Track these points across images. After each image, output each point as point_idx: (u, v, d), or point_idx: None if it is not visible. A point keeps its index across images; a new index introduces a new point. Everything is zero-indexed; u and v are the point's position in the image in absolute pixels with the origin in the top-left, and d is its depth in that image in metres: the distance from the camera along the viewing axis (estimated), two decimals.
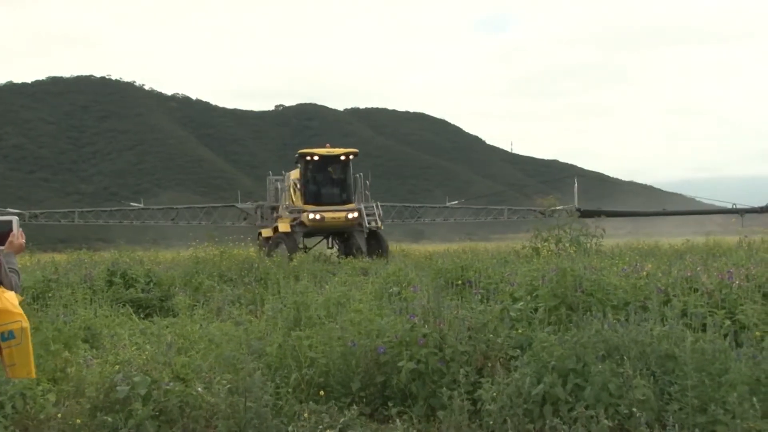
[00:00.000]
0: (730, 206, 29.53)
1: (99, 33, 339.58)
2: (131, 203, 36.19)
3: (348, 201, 28.14)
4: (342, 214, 27.37)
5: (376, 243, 27.12)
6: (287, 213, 27.88)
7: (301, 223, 27.09)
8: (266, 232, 29.49)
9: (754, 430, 5.23)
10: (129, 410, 5.89)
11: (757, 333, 6.57)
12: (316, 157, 27.94)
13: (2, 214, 31.82)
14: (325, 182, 28.44)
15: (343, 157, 28.42)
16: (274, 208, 30.35)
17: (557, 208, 28.30)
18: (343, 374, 6.90)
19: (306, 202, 27.59)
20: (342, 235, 28.44)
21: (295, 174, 29.06)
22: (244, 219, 32.54)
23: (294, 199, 28.32)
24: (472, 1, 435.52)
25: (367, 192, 28.35)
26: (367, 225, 27.16)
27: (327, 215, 27.22)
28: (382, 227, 28.04)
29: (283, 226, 27.28)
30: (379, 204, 28.44)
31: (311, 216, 26.86)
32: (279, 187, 30.22)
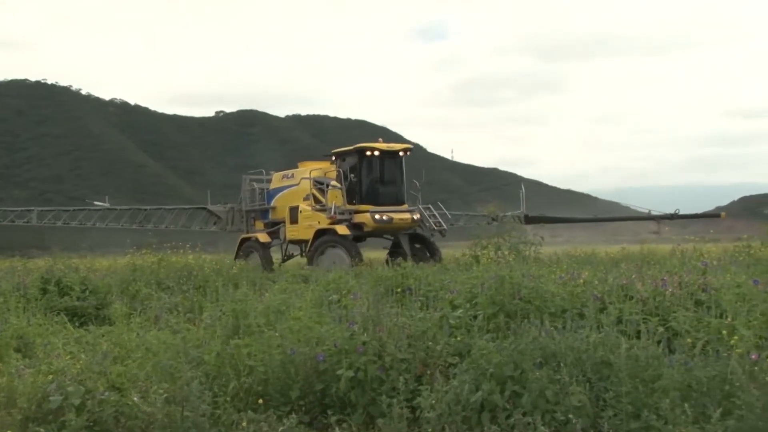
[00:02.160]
0: (645, 212, 30.18)
1: (34, 36, 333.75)
2: (96, 202, 32.41)
3: (402, 200, 25.65)
4: (408, 215, 24.89)
5: (423, 247, 24.97)
6: (333, 214, 24.31)
7: (357, 225, 24.26)
8: (263, 237, 26.81)
9: None
10: (62, 421, 5.77)
11: (689, 340, 6.70)
12: (376, 152, 25.27)
13: None
14: (383, 180, 25.52)
15: (401, 153, 26.08)
16: (252, 212, 28.29)
17: (507, 214, 27.65)
18: (282, 382, 6.86)
19: (361, 202, 24.72)
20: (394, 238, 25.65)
21: (323, 171, 26.27)
22: (214, 223, 29.90)
23: (327, 199, 24.99)
24: (411, 9, 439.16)
25: (414, 193, 26.08)
26: (435, 227, 25.26)
27: (395, 216, 24.57)
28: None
29: (342, 229, 23.74)
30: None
31: (377, 217, 24.14)
32: (256, 188, 28.06)
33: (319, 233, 24.27)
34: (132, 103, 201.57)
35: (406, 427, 5.95)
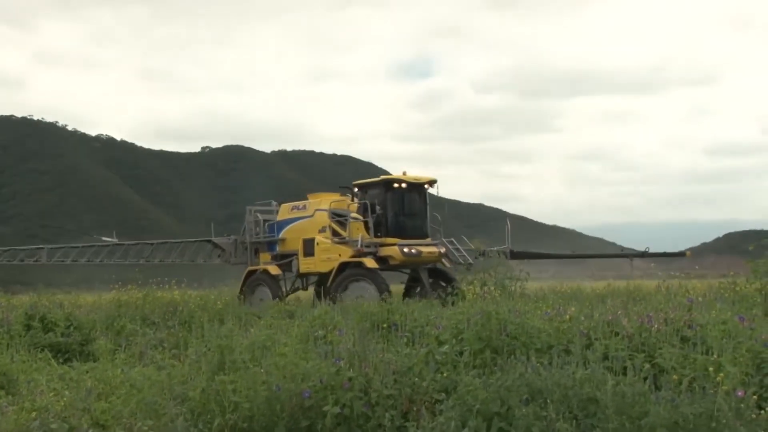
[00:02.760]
0: (620, 250, 30.21)
1: (20, 73, 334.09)
2: (104, 238, 31.01)
3: (426, 234, 25.10)
4: (435, 249, 24.38)
5: (442, 280, 24.16)
6: (360, 247, 23.59)
7: (383, 259, 23.52)
8: (273, 269, 25.88)
9: None
10: None
11: (675, 376, 6.71)
12: (403, 185, 24.72)
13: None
14: (409, 212, 25.10)
15: (426, 185, 25.32)
16: (256, 244, 27.45)
17: (493, 249, 27.49)
18: (267, 419, 6.81)
19: (387, 234, 24.18)
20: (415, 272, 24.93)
21: (337, 203, 25.70)
22: (218, 256, 28.94)
23: (349, 231, 24.28)
24: (395, 46, 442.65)
25: (435, 226, 25.62)
26: (461, 261, 24.79)
27: (424, 249, 24.00)
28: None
29: (370, 262, 22.97)
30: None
31: (406, 250, 23.55)
32: (261, 219, 27.37)
33: (343, 266, 23.68)
34: (118, 138, 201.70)
35: None
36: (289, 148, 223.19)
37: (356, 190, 25.46)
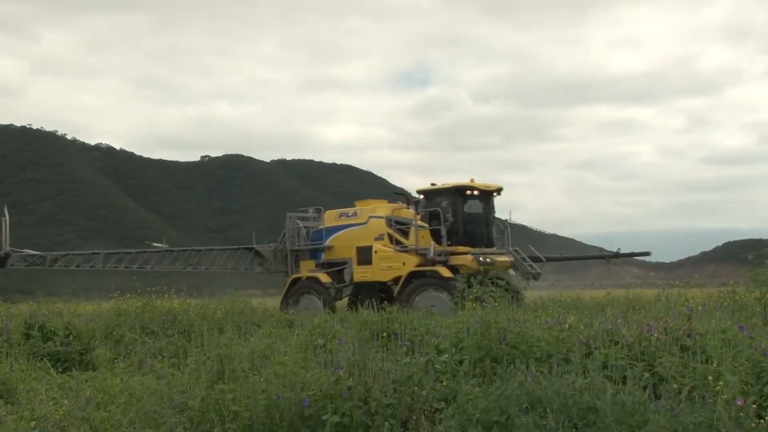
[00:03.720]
0: (598, 251, 29.83)
1: (19, 82, 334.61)
2: (154, 244, 29.76)
3: (493, 242, 24.61)
4: (506, 258, 23.95)
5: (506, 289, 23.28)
6: (432, 255, 22.96)
7: (454, 268, 22.73)
8: (324, 277, 25.02)
9: None
10: None
11: (675, 385, 6.70)
12: (476, 192, 24.20)
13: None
14: (478, 220, 24.53)
15: (495, 194, 24.90)
16: (296, 251, 26.79)
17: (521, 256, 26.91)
18: (267, 428, 6.81)
19: (458, 243, 23.54)
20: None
21: (397, 211, 25.08)
22: (259, 264, 28.16)
23: (415, 239, 23.76)
24: (394, 55, 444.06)
25: (498, 235, 24.99)
26: (529, 270, 24.06)
27: (497, 259, 23.48)
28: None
29: (445, 272, 22.37)
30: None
31: (481, 259, 22.93)
32: (301, 226, 26.74)
33: (411, 275, 23.20)
34: (117, 147, 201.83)
35: None
36: (288, 157, 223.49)
37: (421, 197, 24.81)
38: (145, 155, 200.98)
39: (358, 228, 25.27)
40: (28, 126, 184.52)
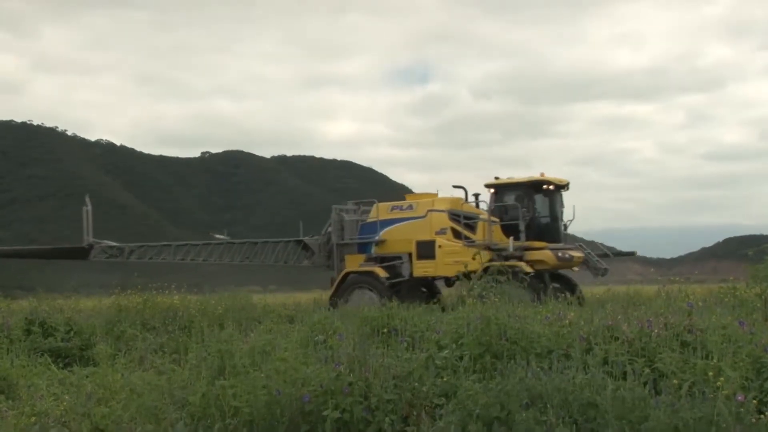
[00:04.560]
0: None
1: (19, 78, 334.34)
2: (217, 235, 28.87)
3: (561, 238, 24.20)
4: (580, 253, 23.56)
5: (564, 286, 23.22)
6: (512, 250, 22.57)
7: (532, 263, 22.39)
8: (381, 271, 24.13)
9: None
10: None
11: (675, 381, 6.71)
12: (551, 186, 23.75)
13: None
14: (552, 215, 24.15)
15: (565, 189, 24.51)
16: (342, 245, 25.82)
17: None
18: (267, 423, 6.82)
19: (534, 238, 23.17)
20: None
21: (457, 205, 24.55)
22: (306, 258, 27.14)
23: (481, 234, 23.43)
24: (394, 51, 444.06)
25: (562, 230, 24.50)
26: (598, 266, 23.71)
27: (574, 254, 23.19)
28: None
29: (527, 267, 21.92)
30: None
31: (560, 254, 22.74)
32: (346, 219, 25.91)
33: (486, 271, 22.81)
34: (118, 143, 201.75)
35: None
36: (288, 154, 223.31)
37: (492, 191, 24.25)
38: (146, 151, 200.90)
39: (415, 222, 24.55)
40: (28, 122, 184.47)
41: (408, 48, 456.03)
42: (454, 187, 25.47)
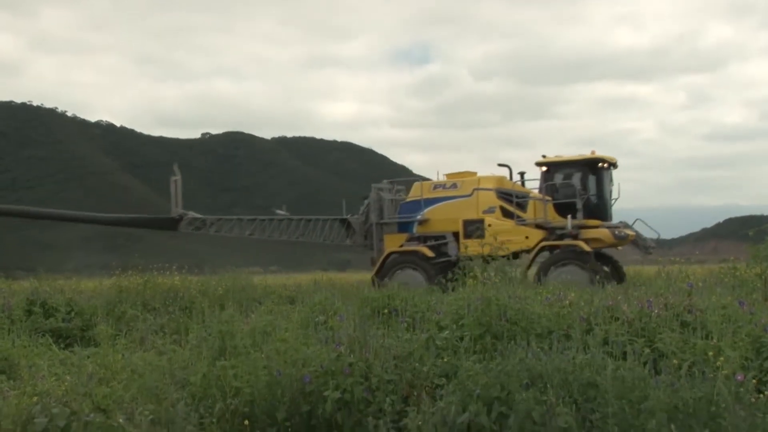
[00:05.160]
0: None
1: (19, 58, 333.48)
2: (278, 211, 27.62)
3: (611, 216, 23.92)
4: (631, 232, 23.42)
5: (607, 265, 23.03)
6: (570, 229, 22.25)
7: (588, 242, 21.99)
8: (427, 251, 23.65)
9: None
10: None
11: (675, 361, 6.72)
12: (606, 165, 23.41)
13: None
14: (605, 193, 23.70)
15: (614, 167, 24.19)
16: (381, 225, 25.21)
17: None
18: (268, 404, 6.84)
19: (589, 216, 22.84)
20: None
21: (502, 183, 24.27)
22: (348, 237, 26.48)
23: (527, 213, 23.30)
24: (394, 32, 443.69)
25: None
26: (647, 245, 23.63)
27: (628, 232, 23.03)
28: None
29: (585, 246, 21.61)
30: None
31: (617, 233, 22.53)
32: (386, 199, 25.22)
33: (544, 250, 22.55)
34: (118, 124, 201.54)
35: None
36: (289, 135, 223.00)
37: (544, 169, 23.67)
38: (146, 132, 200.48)
39: (461, 200, 24.08)
40: (28, 103, 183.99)
41: (409, 29, 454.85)
42: (499, 165, 25.16)
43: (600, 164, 23.29)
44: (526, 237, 22.69)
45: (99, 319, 13.54)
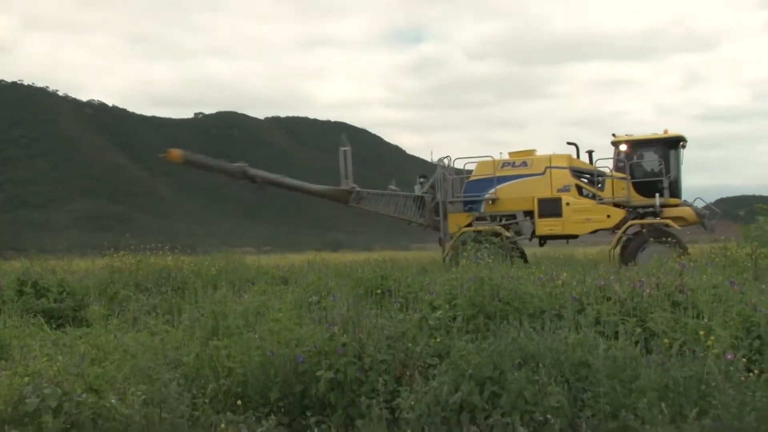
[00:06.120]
0: None
1: (10, 37, 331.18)
2: (391, 186, 26.58)
3: (681, 194, 23.49)
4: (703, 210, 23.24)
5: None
6: (659, 208, 22.07)
7: (673, 220, 21.83)
8: (504, 231, 22.88)
9: None
10: (39, 423, 5.73)
11: (666, 340, 6.75)
12: (684, 143, 23.10)
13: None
14: (679, 173, 23.29)
15: (684, 146, 23.72)
16: (447, 203, 24.32)
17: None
18: (261, 384, 6.85)
19: (671, 195, 22.46)
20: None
21: (572, 161, 23.75)
22: (420, 215, 25.32)
23: (604, 192, 22.92)
24: (388, 12, 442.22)
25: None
26: (711, 222, 23.11)
27: (704, 210, 22.85)
28: None
29: (674, 224, 21.62)
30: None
31: (699, 211, 22.46)
32: (448, 177, 24.34)
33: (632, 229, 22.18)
34: (110, 104, 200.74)
35: (385, 428, 5.96)
36: (282, 115, 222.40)
37: (623, 146, 23.23)
38: (138, 112, 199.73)
39: (533, 179, 23.53)
40: (19, 82, 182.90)
41: (403, 8, 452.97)
42: (568, 144, 24.67)
43: (681, 143, 23.12)
44: (608, 216, 22.51)
45: (91, 300, 13.52)
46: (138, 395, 5.96)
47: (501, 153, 24.56)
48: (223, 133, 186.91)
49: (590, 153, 24.03)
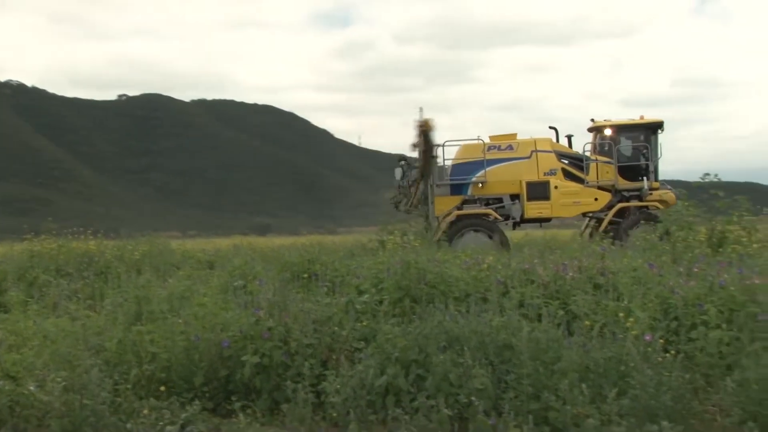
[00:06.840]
0: None
1: None
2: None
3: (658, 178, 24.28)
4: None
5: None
6: (648, 190, 22.74)
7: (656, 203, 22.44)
8: (494, 214, 23.07)
9: (582, 414, 5.49)
10: None
11: (588, 322, 6.90)
12: (661, 129, 23.76)
13: None
14: (657, 157, 23.84)
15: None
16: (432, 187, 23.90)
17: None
18: (185, 369, 6.78)
19: (655, 179, 23.22)
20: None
21: (555, 145, 23.97)
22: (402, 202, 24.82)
23: (588, 176, 23.28)
24: None
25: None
26: None
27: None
28: None
29: (660, 205, 22.04)
30: None
31: (678, 194, 22.00)
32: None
33: (621, 212, 22.70)
34: (29, 84, 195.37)
35: (310, 411, 5.96)
36: (208, 98, 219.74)
37: (608, 131, 23.86)
38: (59, 93, 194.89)
39: (519, 162, 23.65)
40: None
41: None
42: (549, 128, 24.90)
43: (660, 129, 23.73)
44: (595, 199, 22.97)
45: (9, 285, 13.19)
46: (58, 382, 5.83)
47: (478, 137, 24.71)
48: (148, 116, 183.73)
49: (569, 137, 24.46)
